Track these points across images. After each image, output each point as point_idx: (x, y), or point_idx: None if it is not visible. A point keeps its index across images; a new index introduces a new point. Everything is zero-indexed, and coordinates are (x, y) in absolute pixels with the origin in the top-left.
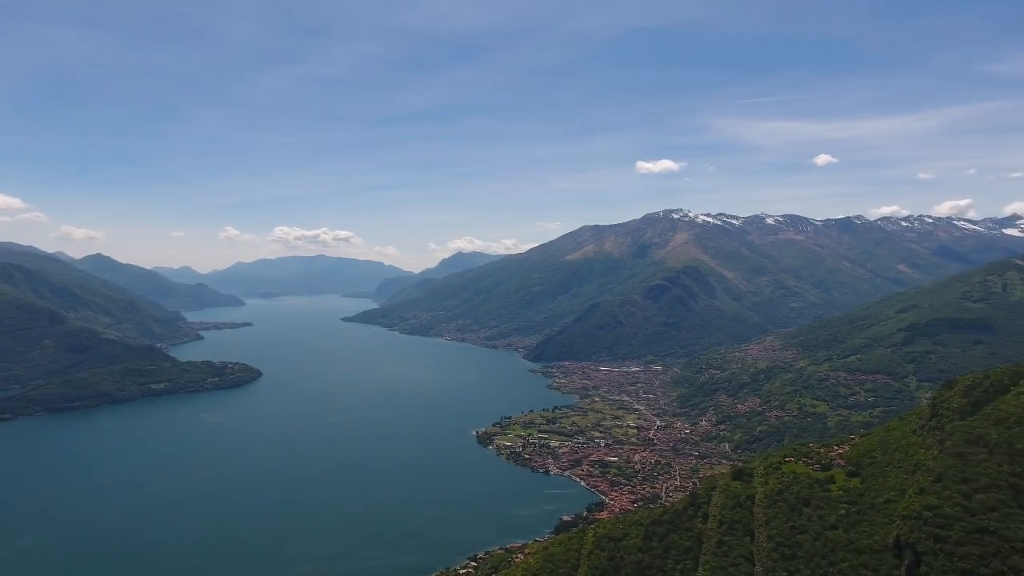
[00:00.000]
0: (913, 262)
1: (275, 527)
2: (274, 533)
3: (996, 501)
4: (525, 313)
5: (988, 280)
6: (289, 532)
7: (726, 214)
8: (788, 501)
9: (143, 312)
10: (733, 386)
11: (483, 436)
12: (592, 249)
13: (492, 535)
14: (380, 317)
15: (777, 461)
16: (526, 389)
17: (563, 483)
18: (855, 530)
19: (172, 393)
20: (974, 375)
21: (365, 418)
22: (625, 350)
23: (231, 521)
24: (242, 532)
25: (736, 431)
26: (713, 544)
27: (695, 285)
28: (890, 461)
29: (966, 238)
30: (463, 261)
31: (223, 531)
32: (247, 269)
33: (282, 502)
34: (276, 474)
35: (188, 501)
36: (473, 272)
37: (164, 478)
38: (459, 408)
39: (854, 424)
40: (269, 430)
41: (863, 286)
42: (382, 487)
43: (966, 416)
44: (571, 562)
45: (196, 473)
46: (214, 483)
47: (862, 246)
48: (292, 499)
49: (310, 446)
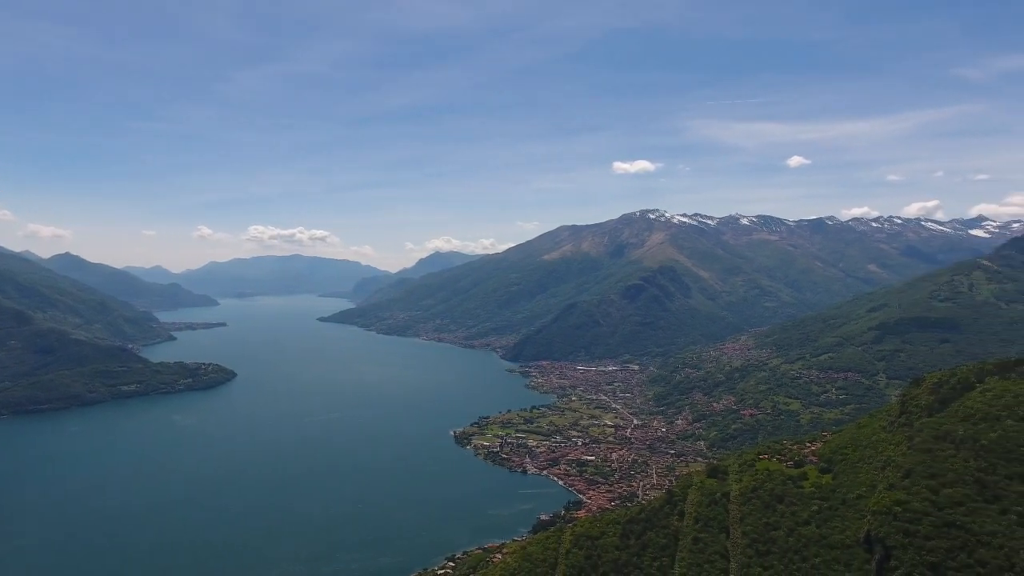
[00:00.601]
0: (883, 262)
1: (251, 530)
2: (250, 536)
3: (963, 496)
4: (503, 313)
5: (955, 280)
6: (265, 535)
7: (701, 214)
8: (762, 498)
9: (113, 312)
10: (708, 385)
11: (461, 436)
12: (570, 249)
13: (470, 535)
14: (357, 317)
15: (751, 458)
16: (504, 389)
17: (541, 482)
18: (827, 526)
19: (144, 395)
20: (941, 373)
21: (342, 419)
22: (602, 349)
23: (204, 526)
24: (216, 536)
25: (711, 429)
26: (689, 541)
27: (671, 285)
28: (861, 457)
29: (934, 239)
30: (441, 261)
31: (195, 536)
32: (221, 269)
33: (258, 505)
34: (252, 477)
35: (159, 506)
36: (451, 272)
37: (134, 483)
38: (437, 408)
39: (826, 421)
40: (244, 432)
41: (835, 286)
42: (360, 488)
43: (934, 413)
44: (549, 561)
45: (168, 477)
46: (187, 487)
47: (834, 246)
48: (268, 502)
49: (286, 448)
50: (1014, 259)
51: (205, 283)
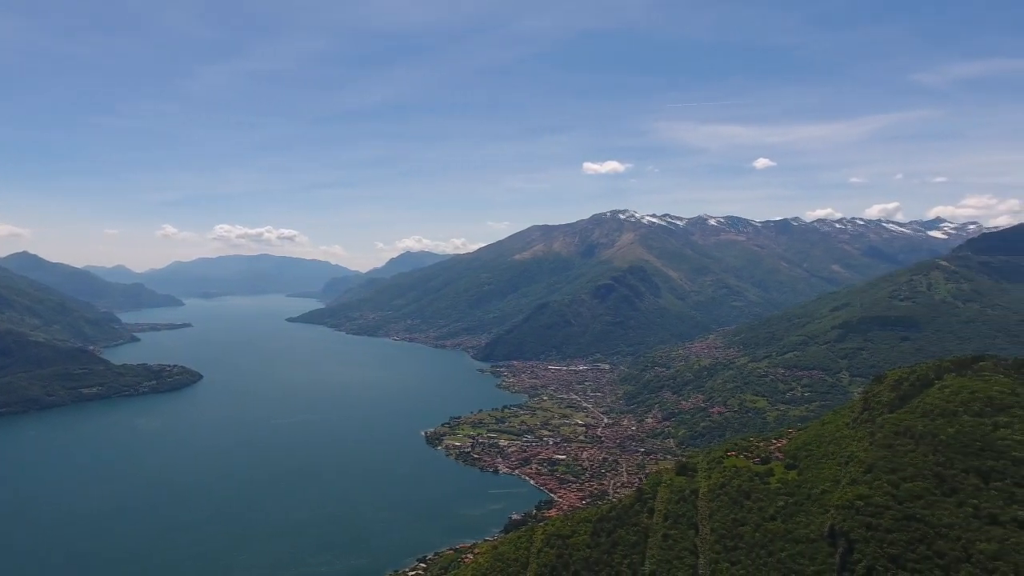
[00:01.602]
0: (846, 262)
1: (216, 536)
2: (215, 542)
3: (922, 489)
4: (474, 313)
5: (914, 280)
6: (231, 541)
7: (671, 215)
8: (730, 494)
9: (74, 313)
10: (678, 383)
11: (432, 436)
12: (541, 249)
13: (441, 536)
14: (326, 317)
15: (719, 456)
16: (475, 389)
17: (512, 482)
18: (792, 520)
19: (105, 398)
20: (901, 370)
21: (310, 421)
22: (573, 349)
23: (166, 532)
24: (178, 543)
25: (681, 427)
26: (659, 538)
27: (641, 284)
28: (825, 453)
29: (894, 239)
30: (411, 260)
31: (156, 543)
32: (186, 268)
33: (223, 510)
34: (217, 481)
35: (119, 512)
36: (422, 272)
37: (94, 488)
38: (407, 409)
39: (791, 418)
40: (210, 435)
41: (800, 285)
42: (329, 491)
43: (894, 409)
44: (520, 561)
45: (129, 482)
46: (149, 492)
47: (799, 247)
48: (234, 506)
49: (253, 451)
50: (970, 260)
51: (169, 283)
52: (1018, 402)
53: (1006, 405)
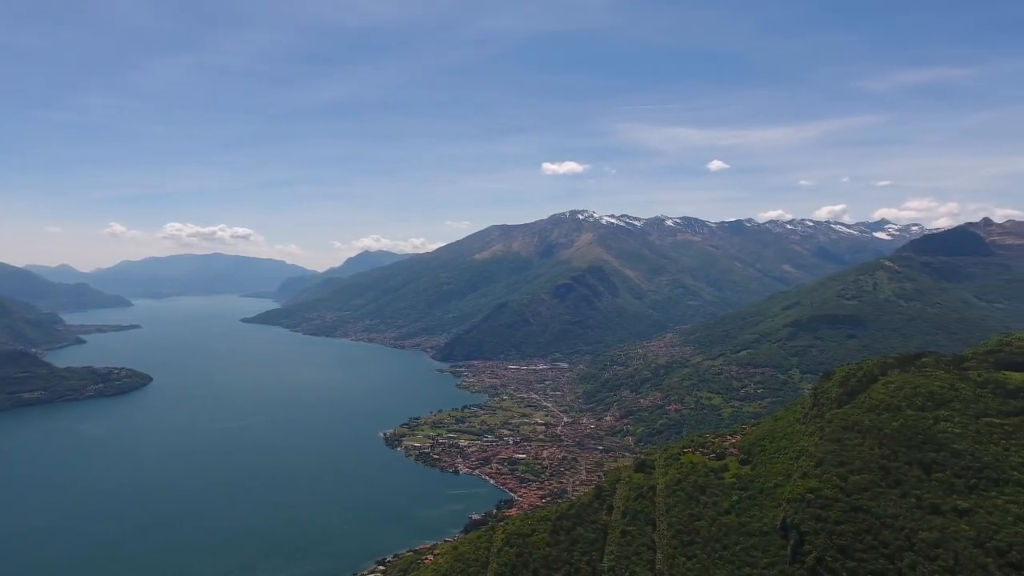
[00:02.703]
0: (796, 262)
1: (166, 545)
2: (165, 551)
3: (868, 482)
4: (433, 312)
5: (860, 279)
6: (182, 549)
7: (628, 215)
8: (686, 490)
9: (13, 314)
10: (636, 381)
11: (391, 438)
12: (500, 249)
13: (401, 538)
14: (282, 318)
15: (676, 452)
16: (435, 389)
17: (472, 482)
18: (747, 514)
19: (48, 403)
20: (849, 367)
21: (266, 424)
22: (533, 348)
23: (115, 541)
24: (127, 552)
25: (639, 425)
26: (617, 535)
27: (600, 284)
28: (777, 448)
29: (842, 240)
30: (370, 260)
31: (104, 552)
32: (135, 268)
33: (175, 517)
34: (166, 487)
35: (62, 523)
36: (380, 271)
37: (34, 497)
38: (366, 410)
39: (745, 415)
40: (159, 440)
41: (753, 285)
42: (283, 495)
43: (842, 405)
44: (480, 560)
45: (73, 490)
46: (94, 500)
47: (752, 247)
48: (185, 513)
49: (205, 456)
50: (912, 260)
51: (117, 283)
52: (957, 396)
53: (946, 399)
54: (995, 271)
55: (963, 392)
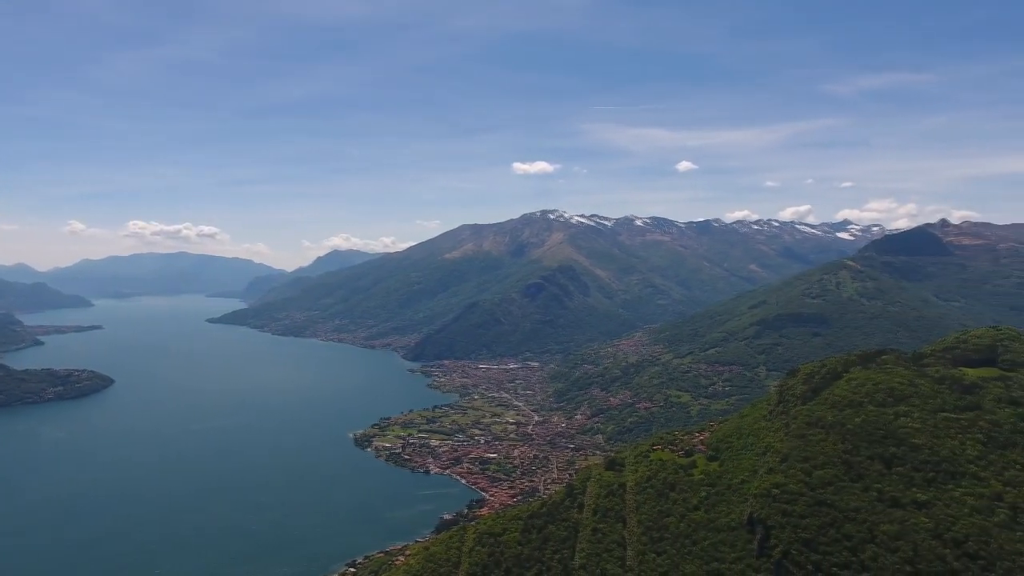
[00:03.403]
0: (763, 262)
1: (130, 550)
2: (129, 556)
3: (832, 476)
4: (404, 312)
5: (824, 279)
6: (147, 554)
7: (599, 215)
8: (656, 487)
9: None
10: (606, 380)
11: (361, 438)
12: (471, 248)
13: (371, 539)
14: (250, 318)
15: (646, 450)
16: (405, 389)
17: (444, 482)
18: (715, 510)
19: (5, 406)
20: (813, 364)
21: (233, 426)
22: (504, 348)
23: (77, 548)
24: (85, 561)
25: (609, 423)
26: (588, 532)
27: (570, 284)
28: (744, 445)
29: (806, 240)
30: (339, 259)
31: (65, 560)
32: (96, 267)
33: (138, 522)
34: (129, 492)
35: (20, 530)
36: (350, 270)
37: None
38: (335, 411)
39: (713, 412)
40: (122, 443)
41: (720, 284)
42: (251, 498)
43: (807, 401)
44: (452, 560)
45: (32, 496)
46: (53, 506)
47: (719, 247)
48: (150, 518)
49: (169, 459)
50: (874, 260)
51: (77, 282)
52: (916, 392)
53: (906, 395)
54: (952, 271)
55: (922, 388)
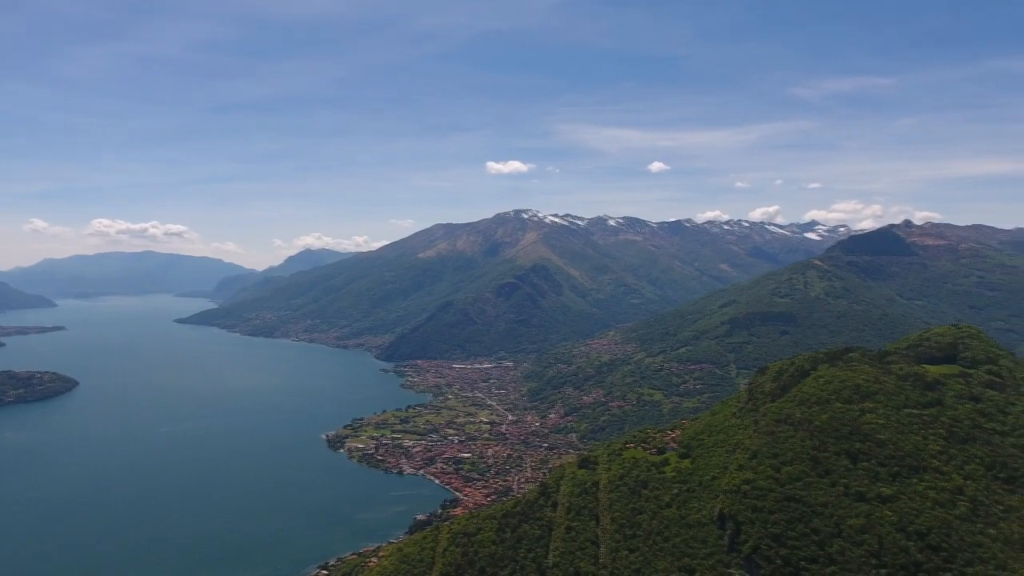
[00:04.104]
0: (733, 262)
1: (96, 557)
2: (94, 563)
3: (800, 472)
4: (377, 312)
5: (792, 278)
6: (112, 563)
7: (572, 215)
8: (628, 484)
9: None
10: (579, 379)
11: (333, 439)
12: (445, 247)
13: (344, 541)
14: (219, 318)
15: (619, 448)
16: (379, 389)
17: (417, 482)
18: (686, 507)
19: None
20: (782, 362)
21: (202, 428)
22: (478, 347)
23: (34, 559)
24: (52, 566)
25: (582, 422)
26: (562, 531)
27: (544, 283)
28: (715, 442)
29: (775, 241)
30: (311, 258)
31: (25, 569)
32: (58, 266)
33: (104, 529)
34: (95, 497)
35: None
36: (322, 270)
37: None
38: (308, 412)
39: (685, 410)
40: (87, 447)
41: (692, 283)
42: (223, 501)
43: (776, 398)
44: (426, 561)
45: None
46: (11, 514)
47: (690, 247)
48: (116, 524)
49: (137, 462)
50: (840, 260)
51: (39, 282)
52: (881, 389)
53: (871, 392)
54: (915, 270)
55: (886, 385)
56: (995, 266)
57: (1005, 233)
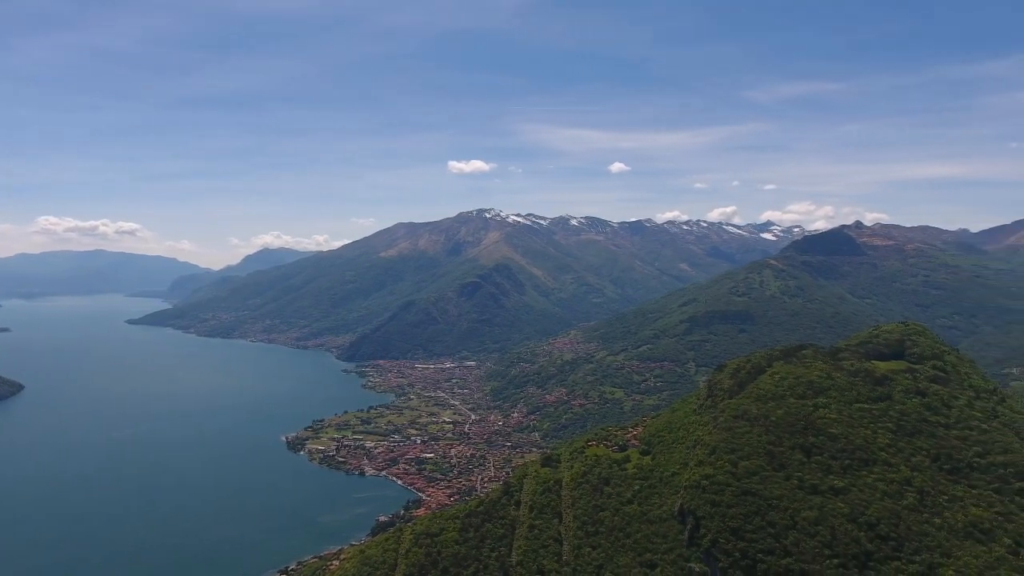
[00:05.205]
0: (692, 261)
1: (49, 566)
2: (48, 573)
3: (757, 466)
4: (338, 312)
5: (749, 278)
6: (67, 570)
7: (535, 215)
8: (591, 482)
9: None
10: (542, 378)
11: (293, 441)
12: (407, 246)
13: (305, 544)
14: (174, 318)
15: (581, 446)
16: (340, 390)
17: (380, 483)
18: (647, 503)
19: None
20: (739, 360)
21: (156, 432)
22: (440, 347)
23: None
24: None
25: (545, 420)
26: (525, 529)
27: (506, 282)
28: (675, 438)
29: (732, 241)
30: (270, 257)
31: None
32: (2, 266)
33: (54, 538)
34: (46, 505)
35: None
36: (281, 269)
37: None
38: (267, 414)
39: (646, 407)
40: (35, 453)
41: (652, 283)
42: (179, 508)
43: (733, 395)
44: (389, 562)
45: None
46: None
47: (651, 247)
48: (67, 533)
49: (87, 468)
50: (794, 259)
51: None
52: (833, 385)
53: (824, 388)
54: (865, 270)
55: (838, 381)
56: (940, 266)
57: (949, 234)
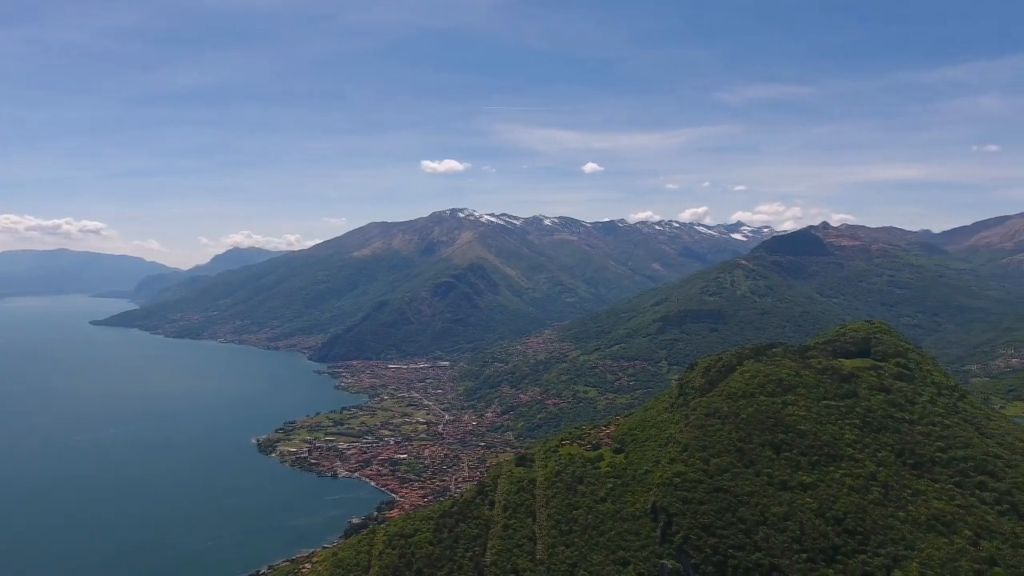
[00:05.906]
0: (664, 261)
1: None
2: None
3: (727, 463)
4: (310, 312)
5: (720, 277)
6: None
7: (508, 214)
8: (564, 481)
9: None
10: (516, 377)
11: (264, 443)
12: (380, 246)
13: (276, 548)
14: (140, 319)
15: (555, 445)
16: (312, 391)
17: (352, 485)
18: (620, 501)
19: None
20: (710, 358)
21: (123, 435)
22: (414, 347)
23: None
24: None
25: (519, 420)
26: (499, 529)
27: (480, 282)
28: (648, 436)
29: (704, 241)
30: (240, 257)
31: None
32: None
33: (19, 544)
34: (9, 509)
35: None
36: (252, 269)
37: None
38: (237, 416)
39: (619, 406)
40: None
41: (625, 282)
42: (147, 512)
43: (705, 393)
44: (362, 564)
45: None
46: None
47: (624, 247)
48: (32, 540)
49: (48, 473)
50: (764, 259)
51: None
52: (802, 383)
53: (792, 385)
54: (832, 270)
55: (806, 378)
56: (904, 266)
57: (913, 235)
